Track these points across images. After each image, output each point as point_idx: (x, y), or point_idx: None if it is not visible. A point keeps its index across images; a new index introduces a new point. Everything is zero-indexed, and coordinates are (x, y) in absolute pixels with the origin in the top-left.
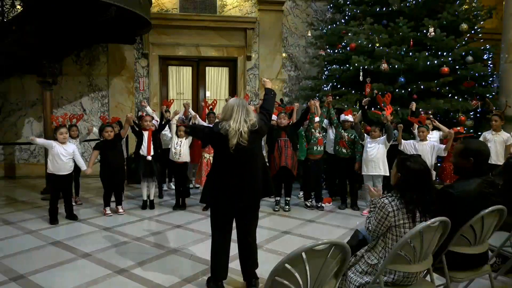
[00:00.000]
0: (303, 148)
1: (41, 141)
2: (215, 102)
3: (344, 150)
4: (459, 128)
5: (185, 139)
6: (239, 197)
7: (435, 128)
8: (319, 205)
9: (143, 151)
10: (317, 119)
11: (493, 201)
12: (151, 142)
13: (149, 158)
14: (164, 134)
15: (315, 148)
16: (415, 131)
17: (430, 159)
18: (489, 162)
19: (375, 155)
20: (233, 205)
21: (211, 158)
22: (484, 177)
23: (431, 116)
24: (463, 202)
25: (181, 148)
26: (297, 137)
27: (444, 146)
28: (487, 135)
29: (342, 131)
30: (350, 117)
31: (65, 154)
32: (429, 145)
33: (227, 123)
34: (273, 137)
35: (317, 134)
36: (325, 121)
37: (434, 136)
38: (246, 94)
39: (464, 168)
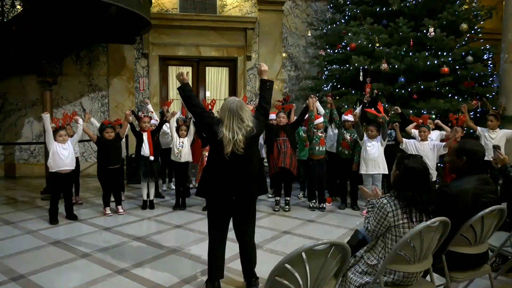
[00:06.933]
0: (302, 148)
1: (47, 124)
2: (213, 101)
3: (346, 151)
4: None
5: (187, 139)
6: (234, 193)
7: (436, 128)
8: (321, 206)
9: (144, 151)
10: (321, 119)
11: (489, 198)
12: (152, 142)
13: (152, 158)
14: (166, 135)
15: (317, 148)
16: (414, 133)
17: (432, 159)
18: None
19: (375, 154)
20: (229, 199)
21: None
22: (478, 175)
23: (433, 116)
24: (459, 200)
25: (183, 148)
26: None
27: (444, 143)
28: (485, 132)
29: (345, 132)
30: (350, 117)
31: (65, 148)
32: (430, 144)
33: (221, 128)
34: (272, 137)
35: (319, 134)
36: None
37: (433, 136)
38: (244, 96)
39: (458, 167)
